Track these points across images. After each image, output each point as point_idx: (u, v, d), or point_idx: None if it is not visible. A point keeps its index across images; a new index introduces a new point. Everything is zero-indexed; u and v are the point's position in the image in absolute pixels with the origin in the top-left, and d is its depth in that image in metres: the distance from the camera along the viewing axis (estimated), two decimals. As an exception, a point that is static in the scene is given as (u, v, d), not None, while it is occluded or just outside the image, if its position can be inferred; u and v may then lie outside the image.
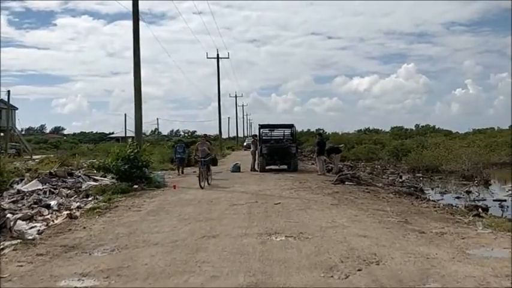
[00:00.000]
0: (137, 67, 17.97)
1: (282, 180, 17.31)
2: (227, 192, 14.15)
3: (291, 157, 21.51)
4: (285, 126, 24.25)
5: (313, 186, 15.12)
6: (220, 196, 13.26)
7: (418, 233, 8.23)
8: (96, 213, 11.07)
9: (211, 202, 12.19)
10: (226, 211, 10.75)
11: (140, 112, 17.96)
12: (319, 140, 20.75)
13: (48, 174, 18.10)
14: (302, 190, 14.23)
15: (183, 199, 12.99)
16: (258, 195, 13.21)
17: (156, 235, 8.46)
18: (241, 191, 14.43)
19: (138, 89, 17.81)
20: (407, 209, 11.04)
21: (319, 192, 13.66)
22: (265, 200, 12.18)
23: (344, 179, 15.98)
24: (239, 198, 12.69)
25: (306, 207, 11.01)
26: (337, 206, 11.09)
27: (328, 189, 14.49)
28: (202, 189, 14.93)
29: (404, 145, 43.19)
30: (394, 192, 14.58)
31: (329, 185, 15.53)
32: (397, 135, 68.25)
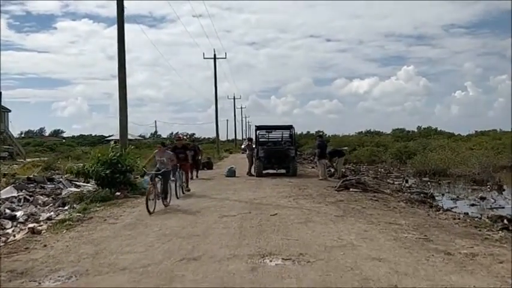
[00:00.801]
0: (122, 64, 16.50)
1: (279, 186, 15.82)
2: (218, 200, 12.65)
3: (290, 161, 19.99)
4: (283, 127, 22.69)
5: (314, 194, 13.63)
6: (209, 205, 11.77)
7: (443, 254, 6.75)
8: (65, 227, 9.61)
9: (199, 213, 10.70)
10: (214, 224, 9.26)
11: (125, 112, 16.44)
12: (320, 142, 19.19)
13: (26, 180, 16.65)
14: (302, 198, 12.74)
15: (168, 209, 11.50)
16: (253, 205, 11.72)
17: (127, 256, 7.00)
18: (234, 199, 12.94)
19: (122, 87, 16.33)
20: (424, 221, 9.54)
21: (321, 201, 12.17)
22: (260, 211, 10.70)
23: (348, 185, 14.50)
24: (231, 208, 11.21)
25: (307, 219, 9.52)
26: (343, 218, 9.59)
27: (331, 197, 13.01)
28: (191, 197, 13.45)
29: (408, 147, 41.76)
30: (405, 200, 13.12)
31: (332, 192, 14.04)
32: (399, 137, 67.01)
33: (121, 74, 16.38)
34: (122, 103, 16.30)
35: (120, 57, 16.35)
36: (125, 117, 16.45)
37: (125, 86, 16.54)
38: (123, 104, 16.32)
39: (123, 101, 16.35)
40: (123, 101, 16.35)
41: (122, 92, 16.32)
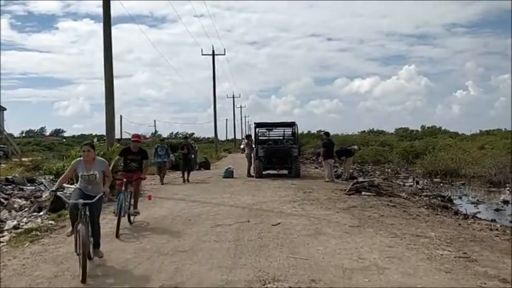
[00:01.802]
0: (108, 53, 14.91)
1: (282, 189, 14.24)
2: (212, 206, 11.10)
3: (293, 160, 18.38)
4: (285, 124, 21.02)
5: (322, 198, 12.08)
6: (202, 212, 10.22)
7: (498, 281, 5.23)
8: (30, 238, 8.15)
9: (189, 221, 9.15)
10: (206, 236, 7.72)
11: (112, 106, 14.83)
12: (326, 141, 17.55)
13: (3, 181, 15.11)
14: (308, 203, 11.19)
15: (154, 215, 9.97)
16: (252, 211, 10.17)
17: (91, 282, 5.48)
18: (230, 204, 11.38)
19: (109, 79, 14.73)
20: (457, 233, 7.99)
21: (331, 207, 10.62)
22: (260, 219, 9.15)
23: (360, 188, 12.95)
24: (226, 215, 9.66)
25: (317, 230, 7.97)
26: (360, 230, 8.04)
27: (342, 202, 11.46)
28: (182, 201, 11.91)
29: (414, 147, 40.27)
30: (425, 205, 11.57)
31: (342, 196, 12.48)
32: (403, 137, 65.59)
33: (107, 69, 14.83)
34: (107, 99, 14.73)
35: (106, 45, 14.79)
36: (110, 114, 14.88)
37: (111, 81, 14.97)
38: (108, 101, 14.74)
39: (109, 97, 14.77)
40: (109, 97, 14.77)
41: (108, 87, 14.74)
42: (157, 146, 17.49)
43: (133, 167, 9.25)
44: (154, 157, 16.89)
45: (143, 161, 9.28)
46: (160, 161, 17.04)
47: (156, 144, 18.23)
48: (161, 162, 17.07)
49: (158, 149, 17.20)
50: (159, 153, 17.04)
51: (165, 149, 17.31)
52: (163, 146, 17.52)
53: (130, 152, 9.37)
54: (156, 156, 17.00)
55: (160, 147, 17.28)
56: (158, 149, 17.16)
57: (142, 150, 9.56)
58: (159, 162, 17.06)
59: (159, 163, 17.10)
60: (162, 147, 17.33)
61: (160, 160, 17.03)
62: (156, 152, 17.13)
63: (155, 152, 17.12)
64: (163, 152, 17.09)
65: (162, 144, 17.91)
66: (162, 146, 17.51)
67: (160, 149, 17.17)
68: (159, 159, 17.02)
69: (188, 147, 18.53)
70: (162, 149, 17.21)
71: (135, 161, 9.26)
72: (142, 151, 9.49)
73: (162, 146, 17.54)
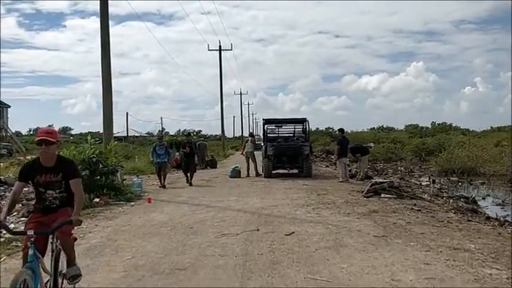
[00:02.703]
0: (106, 48, 13.91)
1: (293, 190, 13.18)
2: (217, 210, 10.05)
3: (304, 159, 17.29)
4: (295, 121, 19.85)
5: (338, 201, 11.01)
6: (206, 217, 9.18)
7: None
8: (8, 251, 7.18)
9: (191, 229, 8.11)
10: (209, 249, 6.68)
11: (109, 101, 13.83)
12: (341, 138, 16.45)
13: (-3, 181, 14.25)
14: (324, 207, 10.13)
15: (152, 222, 8.94)
16: (261, 217, 9.12)
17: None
18: (237, 208, 10.32)
19: (107, 71, 13.72)
20: (500, 244, 6.87)
21: (349, 212, 9.54)
22: (271, 227, 8.10)
23: (379, 190, 11.86)
24: (233, 222, 8.61)
25: (337, 242, 6.91)
26: (387, 241, 6.96)
27: (361, 205, 10.37)
28: (184, 205, 10.88)
29: (426, 144, 39.06)
30: (453, 209, 10.46)
31: (360, 199, 11.41)
32: (413, 134, 64.38)
33: (105, 61, 13.84)
34: (105, 93, 13.72)
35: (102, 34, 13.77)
36: (109, 109, 13.87)
37: (109, 73, 13.96)
38: (106, 95, 13.73)
39: (106, 91, 13.76)
40: (106, 91, 13.76)
41: (105, 80, 13.74)
42: (156, 145, 15.82)
43: (53, 203, 4.43)
44: (152, 157, 15.62)
45: (72, 184, 4.33)
46: (159, 161, 15.34)
47: (155, 143, 16.51)
48: (161, 163, 15.34)
49: (157, 147, 15.53)
50: (158, 152, 15.35)
51: (164, 147, 15.63)
52: (163, 145, 15.81)
53: (40, 169, 4.33)
54: (154, 155, 15.44)
55: (159, 146, 15.56)
56: (157, 148, 15.49)
57: (64, 161, 4.47)
58: (159, 162, 15.35)
59: (159, 164, 15.38)
60: (161, 146, 15.61)
61: (160, 160, 15.32)
62: (154, 151, 15.51)
63: (153, 151, 15.56)
64: (162, 151, 15.40)
65: (161, 142, 16.09)
66: (161, 144, 15.76)
67: (159, 148, 15.46)
68: (158, 159, 15.33)
69: (190, 146, 16.55)
70: (161, 147, 15.50)
71: (54, 187, 4.37)
72: (64, 163, 4.41)
73: (161, 144, 15.80)
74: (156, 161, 15.44)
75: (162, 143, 15.93)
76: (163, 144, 15.88)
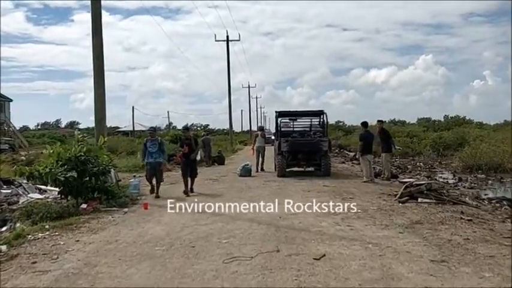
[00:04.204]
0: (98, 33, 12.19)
1: (312, 192, 11.42)
2: (226, 219, 8.33)
3: (322, 156, 15.49)
4: (311, 113, 17.99)
5: (369, 208, 9.25)
6: (212, 230, 7.46)
7: None
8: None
9: (193, 248, 6.41)
10: (214, 282, 4.99)
11: (102, 90, 12.08)
12: (365, 133, 14.70)
13: (-24, 183, 12.61)
14: (355, 216, 8.38)
15: (145, 237, 7.24)
16: (279, 230, 7.39)
17: None
18: (249, 216, 8.57)
19: (99, 57, 11.99)
20: None
21: (387, 223, 7.79)
22: (294, 245, 6.37)
23: (414, 193, 10.10)
24: (245, 238, 6.89)
25: (385, 271, 5.18)
26: (450, 268, 5.24)
27: (399, 214, 8.61)
28: (186, 212, 9.14)
29: (443, 138, 37.20)
30: (508, 217, 8.67)
31: (394, 205, 9.65)
32: (425, 127, 62.44)
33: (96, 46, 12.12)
34: (96, 81, 12.03)
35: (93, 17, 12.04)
36: (101, 96, 12.13)
37: (101, 59, 12.27)
38: (98, 83, 12.04)
39: (98, 79, 12.08)
40: (98, 79, 12.08)
41: (97, 66, 12.05)
42: (147, 140, 12.15)
43: None
44: (143, 156, 12.34)
45: None
46: (152, 161, 11.85)
47: (145, 138, 12.56)
48: (153, 164, 11.86)
49: (148, 143, 11.99)
50: (150, 150, 11.90)
51: (157, 143, 11.99)
52: (156, 140, 12.11)
53: None
54: (146, 154, 12.01)
55: (151, 142, 11.97)
56: (148, 144, 11.98)
57: None
58: (151, 163, 11.86)
59: (151, 165, 11.88)
60: (154, 142, 11.99)
61: (152, 160, 11.84)
62: (145, 148, 12.05)
63: (144, 148, 12.13)
64: (155, 149, 11.90)
65: (153, 137, 12.22)
66: (153, 140, 12.06)
67: (151, 145, 11.93)
68: (150, 158, 11.87)
69: (190, 143, 12.41)
70: (153, 144, 11.94)
71: None
72: None
73: (154, 140, 12.08)
74: (147, 161, 12.03)
75: (154, 139, 12.16)
76: (157, 140, 12.19)
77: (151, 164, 11.90)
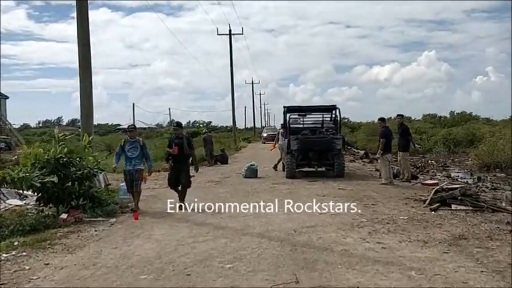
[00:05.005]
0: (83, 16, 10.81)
1: (328, 198, 9.99)
2: (230, 234, 6.96)
3: (335, 155, 14.08)
4: (323, 109, 16.54)
5: (398, 217, 7.86)
6: (212, 250, 6.09)
7: None
8: None
9: (188, 277, 5.05)
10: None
11: (89, 81, 10.69)
12: (385, 130, 13.10)
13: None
14: (383, 229, 7.00)
15: (130, 259, 5.88)
16: (296, 250, 6.00)
17: None
18: (257, 230, 7.20)
19: (85, 44, 10.62)
20: None
21: (425, 238, 6.41)
22: (315, 272, 5.02)
23: (446, 199, 8.73)
24: (254, 262, 5.52)
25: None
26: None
27: (434, 225, 7.23)
28: (183, 225, 7.78)
29: (452, 134, 35.87)
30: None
31: (425, 212, 8.26)
32: (432, 124, 61.06)
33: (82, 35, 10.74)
34: (82, 72, 10.67)
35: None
36: (87, 88, 10.74)
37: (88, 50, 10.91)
38: (84, 75, 10.67)
39: (84, 70, 10.71)
40: (84, 70, 10.71)
41: (82, 57, 10.68)
42: (125, 142, 9.52)
43: None
44: (116, 160, 9.74)
45: None
46: (130, 169, 9.36)
47: (123, 139, 9.83)
48: (132, 172, 9.35)
49: (126, 146, 9.43)
50: (129, 154, 9.39)
51: (138, 145, 9.45)
52: (136, 142, 9.51)
53: None
54: (124, 159, 9.49)
55: (131, 145, 9.43)
56: (126, 147, 9.42)
57: None
58: (129, 171, 9.38)
59: (129, 172, 9.38)
60: (134, 145, 9.43)
61: (131, 168, 9.35)
62: (122, 150, 9.49)
63: (121, 150, 9.52)
64: (135, 152, 9.39)
65: (133, 137, 9.57)
66: (133, 141, 9.49)
67: (131, 147, 9.41)
68: (129, 165, 9.38)
69: (181, 144, 9.53)
70: (133, 147, 9.40)
71: None
72: None
73: (134, 141, 9.50)
74: (125, 169, 9.49)
75: (135, 140, 9.54)
76: (138, 142, 9.56)
77: (130, 172, 9.37)
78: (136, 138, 9.69)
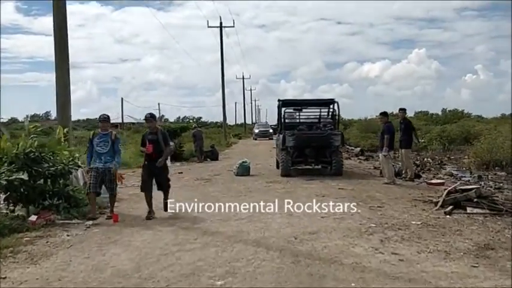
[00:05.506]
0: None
1: (329, 198, 9.07)
2: (221, 242, 6.05)
3: (333, 152, 13.20)
4: (320, 102, 15.51)
5: (411, 223, 7.00)
6: (200, 262, 5.19)
7: None
8: None
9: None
10: None
11: (65, 69, 9.70)
12: (389, 125, 12.11)
13: None
14: (396, 236, 6.14)
15: (103, 272, 4.96)
16: (299, 262, 5.11)
17: None
18: (253, 236, 6.31)
19: (61, 30, 9.64)
20: None
21: (446, 248, 5.55)
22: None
23: (460, 201, 7.90)
24: (250, 278, 4.63)
25: None
26: None
27: (453, 232, 6.37)
28: (168, 229, 6.88)
29: (446, 131, 35.39)
30: None
31: (439, 216, 7.41)
32: (424, 121, 60.75)
33: (58, 14, 9.75)
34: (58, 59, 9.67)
35: None
36: (63, 77, 9.72)
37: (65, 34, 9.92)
38: (60, 62, 9.67)
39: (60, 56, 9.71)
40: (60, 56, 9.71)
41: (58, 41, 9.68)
42: (94, 134, 8.16)
43: None
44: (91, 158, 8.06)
45: None
46: (100, 166, 7.87)
47: (92, 131, 8.75)
48: (101, 171, 7.87)
49: (95, 140, 7.95)
50: (99, 149, 7.90)
51: (109, 140, 7.93)
52: (107, 135, 7.99)
53: None
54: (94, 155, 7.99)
55: (101, 138, 7.97)
56: (95, 141, 7.94)
57: None
58: (97, 169, 7.86)
59: (97, 172, 7.86)
60: (104, 138, 7.96)
61: (100, 165, 7.87)
62: (91, 145, 8.05)
63: (90, 147, 8.06)
64: (106, 148, 7.91)
65: (105, 130, 8.06)
66: (104, 134, 7.99)
67: (101, 141, 7.94)
68: (98, 162, 7.90)
69: (156, 141, 8.05)
70: (103, 140, 7.93)
71: None
72: None
73: (105, 134, 7.99)
74: (92, 166, 7.96)
75: (106, 133, 8.02)
76: (109, 135, 8.01)
77: (98, 170, 7.85)
78: (109, 131, 8.07)
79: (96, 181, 7.86)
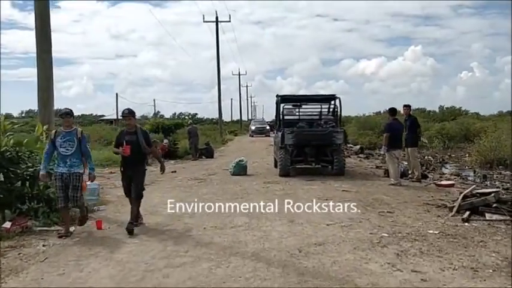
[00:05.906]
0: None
1: (333, 201, 8.26)
2: (215, 255, 5.34)
3: (335, 151, 12.50)
4: (321, 98, 14.78)
5: (425, 230, 6.30)
6: (190, 282, 4.47)
7: None
8: None
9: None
10: None
11: (48, 63, 8.90)
12: (393, 122, 11.57)
13: None
14: (413, 249, 5.44)
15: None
16: (304, 281, 4.40)
17: None
18: (251, 249, 5.58)
19: (42, 15, 8.83)
20: None
21: (472, 264, 4.86)
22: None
23: (477, 205, 7.23)
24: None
25: None
26: None
27: (476, 244, 5.67)
28: (157, 238, 6.16)
29: (445, 129, 34.89)
30: None
31: (457, 224, 6.72)
32: (423, 118, 60.36)
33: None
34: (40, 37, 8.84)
35: None
36: (46, 70, 8.92)
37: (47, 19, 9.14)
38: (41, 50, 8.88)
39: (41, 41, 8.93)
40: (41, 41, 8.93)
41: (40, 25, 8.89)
42: (56, 133, 6.67)
43: None
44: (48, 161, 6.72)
45: None
46: (64, 172, 6.52)
47: (54, 130, 6.99)
48: (66, 176, 6.52)
49: (58, 140, 6.55)
50: (61, 150, 6.53)
51: (74, 139, 6.56)
52: (73, 133, 6.59)
53: None
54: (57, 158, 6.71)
55: (64, 137, 6.55)
56: (58, 140, 6.55)
57: None
58: (62, 175, 6.52)
59: (62, 178, 6.52)
60: (68, 137, 6.55)
61: (65, 170, 6.52)
62: (53, 146, 6.62)
63: (51, 146, 6.62)
64: (71, 149, 6.54)
65: (68, 128, 6.63)
66: (67, 132, 6.58)
67: (65, 141, 6.53)
68: (62, 167, 6.55)
69: (134, 141, 6.84)
70: (67, 140, 6.53)
71: None
72: None
73: (69, 132, 6.58)
74: (56, 172, 6.63)
75: (71, 130, 6.63)
76: (74, 133, 6.63)
77: (63, 176, 6.54)
78: (73, 128, 6.68)
79: (63, 193, 6.54)
